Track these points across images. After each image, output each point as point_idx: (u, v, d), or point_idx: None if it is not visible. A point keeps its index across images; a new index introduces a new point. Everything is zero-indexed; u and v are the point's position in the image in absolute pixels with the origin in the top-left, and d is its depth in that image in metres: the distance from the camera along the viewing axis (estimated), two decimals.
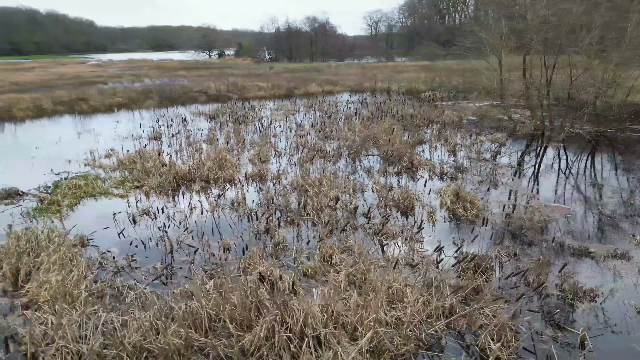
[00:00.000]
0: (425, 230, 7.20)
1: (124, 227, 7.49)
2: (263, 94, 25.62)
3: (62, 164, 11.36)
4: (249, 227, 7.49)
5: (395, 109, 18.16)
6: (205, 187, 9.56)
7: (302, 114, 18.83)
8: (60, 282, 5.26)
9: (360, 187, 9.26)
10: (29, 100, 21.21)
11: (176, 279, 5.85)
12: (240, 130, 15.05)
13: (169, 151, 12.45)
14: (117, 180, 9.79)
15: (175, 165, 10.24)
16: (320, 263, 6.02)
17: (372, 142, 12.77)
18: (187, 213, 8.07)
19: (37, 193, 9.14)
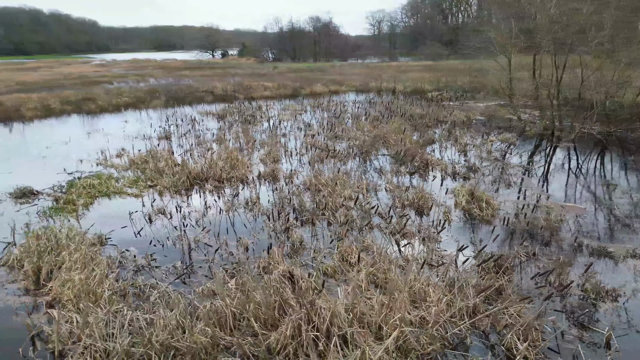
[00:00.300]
0: (441, 229, 7.20)
1: (140, 227, 7.53)
2: (269, 94, 25.64)
3: (74, 164, 11.40)
4: (265, 226, 7.51)
5: (403, 109, 18.16)
6: (219, 186, 9.59)
7: (309, 114, 18.84)
8: (83, 281, 5.28)
9: (374, 186, 9.27)
10: (37, 100, 21.29)
11: (196, 278, 5.87)
12: (249, 130, 15.08)
13: (179, 151, 12.49)
14: (131, 179, 9.82)
15: (188, 165, 10.27)
16: (340, 262, 6.03)
17: (382, 142, 12.77)
18: (203, 212, 8.09)
19: (51, 192, 9.17)
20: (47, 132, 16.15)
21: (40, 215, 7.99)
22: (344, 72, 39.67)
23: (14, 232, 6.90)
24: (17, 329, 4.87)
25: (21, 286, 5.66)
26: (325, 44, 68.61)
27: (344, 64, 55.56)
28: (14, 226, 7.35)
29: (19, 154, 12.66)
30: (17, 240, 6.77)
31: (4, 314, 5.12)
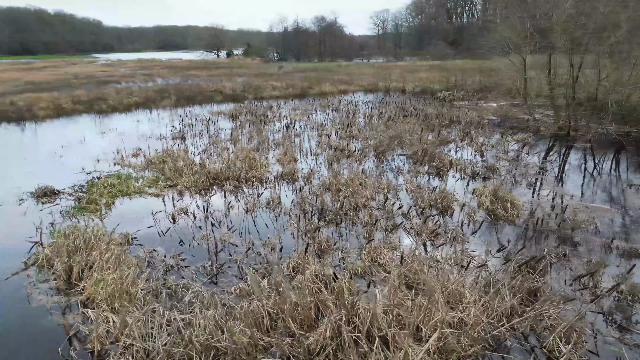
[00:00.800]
0: (467, 230, 7.17)
1: (164, 226, 7.53)
2: (278, 94, 25.63)
3: (92, 163, 11.42)
4: (288, 226, 7.50)
5: (415, 109, 18.11)
6: (238, 186, 9.57)
7: (320, 114, 18.82)
8: (116, 281, 5.28)
9: (394, 187, 9.23)
10: (49, 100, 21.37)
11: (227, 278, 5.86)
12: (262, 130, 15.07)
13: (195, 150, 12.50)
14: (150, 179, 9.83)
15: (207, 165, 10.26)
16: (370, 263, 6.01)
17: (397, 142, 12.73)
18: (225, 212, 8.07)
19: (72, 192, 9.19)
20: (61, 131, 16.20)
21: (63, 214, 8.00)
22: (350, 72, 39.61)
23: (41, 232, 6.91)
24: (53, 328, 4.87)
25: (52, 286, 5.66)
26: (331, 44, 68.56)
27: (349, 64, 55.46)
28: (40, 226, 7.39)
29: (35, 153, 12.70)
30: (44, 240, 6.78)
31: (39, 313, 5.12)
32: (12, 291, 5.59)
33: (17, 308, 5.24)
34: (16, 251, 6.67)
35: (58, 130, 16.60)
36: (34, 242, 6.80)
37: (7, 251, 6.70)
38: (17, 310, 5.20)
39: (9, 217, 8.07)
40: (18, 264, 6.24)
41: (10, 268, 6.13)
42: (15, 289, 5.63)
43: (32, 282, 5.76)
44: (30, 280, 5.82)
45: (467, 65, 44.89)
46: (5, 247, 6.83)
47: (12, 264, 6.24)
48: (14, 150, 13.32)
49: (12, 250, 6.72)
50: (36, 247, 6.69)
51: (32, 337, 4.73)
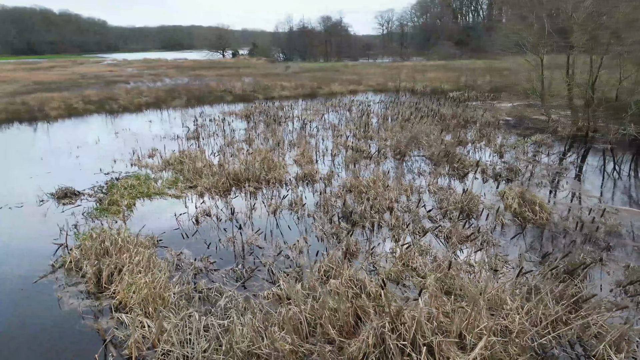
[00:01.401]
0: (497, 233, 7.04)
1: (187, 228, 7.45)
2: (287, 94, 25.55)
3: (108, 164, 11.36)
4: (314, 228, 7.40)
5: (429, 109, 17.97)
6: (258, 187, 9.48)
7: (332, 114, 18.71)
8: (149, 285, 5.20)
9: (417, 188, 9.11)
10: (60, 99, 21.37)
11: (257, 282, 5.77)
12: (276, 131, 14.98)
13: (211, 151, 12.42)
14: (170, 180, 9.75)
15: (226, 166, 10.18)
16: (402, 267, 5.89)
17: (415, 142, 12.60)
18: (248, 214, 7.98)
19: (92, 193, 9.13)
20: (75, 131, 16.17)
21: (86, 216, 7.94)
22: (358, 72, 39.47)
23: (66, 235, 6.84)
24: (87, 333, 4.80)
25: (82, 289, 5.59)
26: (337, 44, 68.39)
27: (356, 64, 55.32)
28: (63, 227, 7.33)
29: (51, 153, 12.66)
30: (69, 242, 6.72)
31: (71, 318, 5.04)
32: (42, 295, 5.52)
33: (49, 312, 5.17)
34: (41, 253, 6.61)
35: (71, 130, 16.58)
36: (59, 244, 6.74)
37: (32, 253, 6.64)
38: (49, 314, 5.13)
39: (30, 218, 8.01)
40: (45, 267, 6.18)
41: (37, 271, 6.06)
42: (45, 292, 5.56)
43: (61, 286, 5.69)
44: (59, 283, 5.75)
45: (474, 65, 44.68)
46: (30, 249, 6.77)
47: (38, 267, 6.18)
48: (29, 150, 13.29)
49: (37, 252, 6.66)
50: (62, 249, 6.63)
51: (68, 343, 4.66)
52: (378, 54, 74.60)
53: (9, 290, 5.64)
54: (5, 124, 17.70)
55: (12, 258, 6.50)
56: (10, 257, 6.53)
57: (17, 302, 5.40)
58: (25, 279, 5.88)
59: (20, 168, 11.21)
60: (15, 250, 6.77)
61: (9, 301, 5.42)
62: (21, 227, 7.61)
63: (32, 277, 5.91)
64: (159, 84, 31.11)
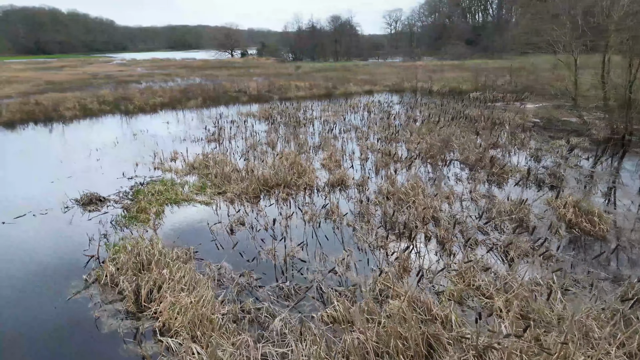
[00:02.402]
0: (554, 246, 6.55)
1: (222, 238, 7.04)
2: (303, 94, 25.12)
3: (130, 167, 11.00)
4: (356, 239, 6.95)
5: (455, 111, 17.46)
6: (289, 193, 9.05)
7: (352, 115, 18.24)
8: (194, 305, 4.78)
9: (458, 196, 8.63)
10: (74, 100, 21.11)
11: (307, 301, 5.32)
12: (298, 133, 14.56)
13: (234, 154, 12.02)
14: (197, 186, 9.34)
15: (255, 171, 9.76)
16: (465, 287, 5.42)
17: (447, 145, 12.11)
18: (284, 223, 7.55)
19: (118, 199, 8.75)
20: (92, 133, 15.84)
21: (114, 224, 7.55)
22: (371, 72, 38.96)
23: (98, 246, 6.45)
24: (131, 359, 4.39)
25: (120, 308, 5.18)
26: (347, 43, 67.87)
27: (367, 64, 54.80)
28: (92, 237, 6.95)
29: (71, 156, 12.32)
30: (101, 253, 6.33)
31: (112, 341, 4.64)
32: (77, 314, 5.12)
33: (88, 335, 4.76)
34: (71, 265, 6.23)
35: (88, 131, 16.25)
36: (90, 256, 6.35)
37: (62, 265, 6.26)
38: (89, 337, 4.73)
39: (56, 226, 7.64)
40: (77, 281, 5.78)
41: (69, 286, 5.68)
42: (81, 311, 5.16)
43: (97, 304, 5.28)
44: (95, 301, 5.34)
45: (487, 65, 43.99)
46: (59, 261, 6.39)
47: (70, 280, 5.79)
48: (48, 153, 12.97)
49: (66, 264, 6.28)
50: (93, 261, 6.24)
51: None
52: (388, 53, 73.95)
53: (43, 309, 5.25)
54: (21, 124, 17.44)
55: (41, 271, 6.12)
56: (40, 270, 6.15)
57: (52, 321, 5.01)
58: (57, 295, 5.49)
59: (41, 171, 10.88)
60: (44, 261, 6.39)
61: (44, 320, 5.03)
62: (48, 236, 7.23)
63: (65, 293, 5.52)
64: (170, 83, 30.83)
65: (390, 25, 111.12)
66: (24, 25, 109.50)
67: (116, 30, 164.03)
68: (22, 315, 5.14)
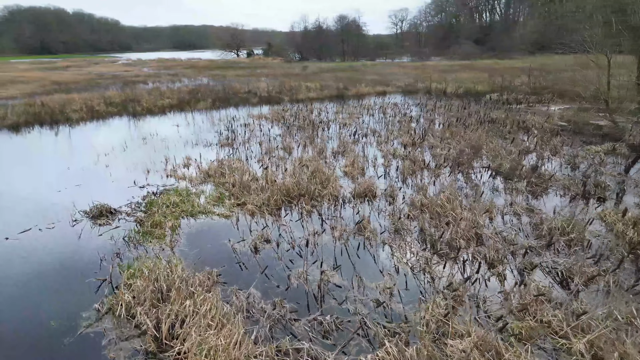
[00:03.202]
0: (627, 270, 5.83)
1: (246, 258, 6.38)
2: (314, 95, 24.43)
3: (142, 174, 10.37)
4: (395, 261, 6.26)
5: (476, 113, 16.72)
6: (314, 205, 8.36)
7: (367, 117, 17.54)
8: (225, 346, 4.11)
9: (501, 210, 7.91)
10: (80, 101, 20.54)
11: (356, 342, 4.63)
12: (314, 137, 13.88)
13: (250, 160, 11.37)
14: (214, 196, 8.67)
15: (274, 179, 9.09)
16: (534, 323, 4.72)
17: (475, 151, 11.39)
18: (311, 240, 6.87)
19: (130, 211, 8.11)
20: (99, 136, 15.24)
21: (127, 241, 6.90)
22: (380, 72, 38.21)
23: (112, 268, 5.81)
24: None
25: (139, 347, 4.52)
26: (354, 43, 67.09)
27: (375, 64, 54.04)
28: (103, 257, 6.31)
29: (78, 162, 11.71)
30: (114, 277, 5.68)
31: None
32: (90, 353, 4.46)
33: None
34: (82, 290, 5.60)
35: (95, 134, 15.64)
36: (102, 280, 5.71)
37: (71, 290, 5.62)
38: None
39: (64, 242, 7.00)
40: (88, 310, 5.13)
41: (79, 316, 5.02)
42: (94, 348, 4.51)
43: (112, 340, 4.62)
44: (109, 337, 4.68)
45: (499, 65, 43.19)
46: (68, 286, 5.75)
47: (80, 309, 5.15)
48: (55, 158, 12.37)
49: (76, 288, 5.64)
50: (105, 286, 5.59)
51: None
52: (395, 53, 73.13)
53: (52, 344, 4.61)
54: (26, 127, 16.87)
55: (48, 298, 5.48)
56: (47, 297, 5.51)
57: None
58: (67, 328, 4.84)
59: (47, 179, 10.27)
60: (51, 286, 5.75)
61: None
62: (55, 255, 6.59)
63: (75, 326, 4.87)
64: (178, 84, 30.25)
65: (396, 25, 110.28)
66: (29, 25, 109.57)
67: (121, 30, 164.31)
68: (27, 355, 4.50)
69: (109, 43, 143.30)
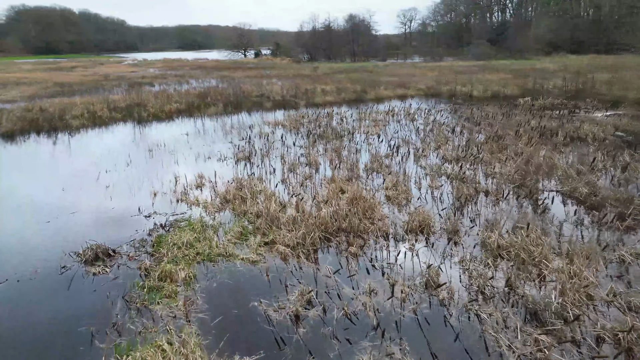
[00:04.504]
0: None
1: (286, 334, 4.77)
2: (331, 99, 22.82)
3: (147, 198, 8.82)
4: (486, 333, 4.62)
5: (515, 120, 15.01)
6: (362, 245, 6.73)
7: (394, 124, 15.89)
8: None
9: (603, 256, 6.22)
10: (82, 105, 19.09)
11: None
12: (340, 149, 12.25)
13: (270, 178, 9.77)
14: (235, 231, 7.06)
15: (305, 207, 7.48)
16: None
17: (539, 170, 9.71)
18: (369, 304, 5.23)
19: (133, 252, 6.53)
20: (101, 147, 13.69)
21: (128, 301, 5.31)
22: (396, 73, 36.50)
23: (104, 356, 4.22)
24: None
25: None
26: (366, 43, 65.38)
27: (386, 64, 52.33)
28: (103, 332, 4.72)
29: (74, 182, 10.16)
30: None
31: None
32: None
33: None
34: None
35: (96, 145, 14.11)
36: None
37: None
38: None
39: (47, 302, 5.42)
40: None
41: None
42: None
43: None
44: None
45: (516, 66, 41.37)
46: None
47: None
48: (48, 175, 10.85)
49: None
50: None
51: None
52: (406, 53, 71.33)
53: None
54: (21, 135, 15.41)
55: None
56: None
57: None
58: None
59: (36, 204, 8.72)
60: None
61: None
62: (34, 323, 5.02)
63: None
64: (185, 86, 28.79)
65: (405, 25, 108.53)
66: (35, 25, 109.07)
67: (127, 30, 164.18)
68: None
69: (115, 43, 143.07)
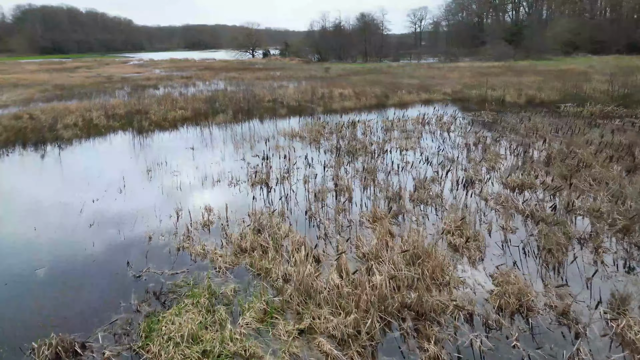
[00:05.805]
0: None
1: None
2: (350, 105, 20.81)
3: (141, 245, 6.87)
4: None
5: (565, 130, 12.88)
6: (430, 332, 4.71)
7: (428, 136, 13.85)
8: None
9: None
10: (77, 112, 17.27)
11: None
12: (374, 171, 10.24)
13: (295, 211, 7.79)
14: (257, 310, 5.04)
15: (358, 274, 5.45)
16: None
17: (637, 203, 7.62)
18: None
19: (110, 349, 4.56)
20: (91, 166, 11.78)
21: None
22: (415, 75, 34.39)
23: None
24: None
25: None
26: (378, 43, 63.17)
27: (401, 65, 50.18)
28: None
29: (51, 216, 8.26)
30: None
31: None
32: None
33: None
34: None
35: (87, 163, 12.20)
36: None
37: None
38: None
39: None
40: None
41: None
42: None
43: None
44: None
45: (542, 67, 39.11)
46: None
47: None
48: (21, 206, 8.92)
49: None
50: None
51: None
52: (419, 53, 69.05)
53: None
54: (4, 148, 13.56)
55: None
56: None
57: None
58: None
59: (7, 255, 6.80)
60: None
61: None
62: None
63: None
64: (192, 89, 26.96)
65: (415, 24, 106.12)
66: (42, 25, 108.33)
67: (134, 29, 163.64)
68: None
69: (122, 43, 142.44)
